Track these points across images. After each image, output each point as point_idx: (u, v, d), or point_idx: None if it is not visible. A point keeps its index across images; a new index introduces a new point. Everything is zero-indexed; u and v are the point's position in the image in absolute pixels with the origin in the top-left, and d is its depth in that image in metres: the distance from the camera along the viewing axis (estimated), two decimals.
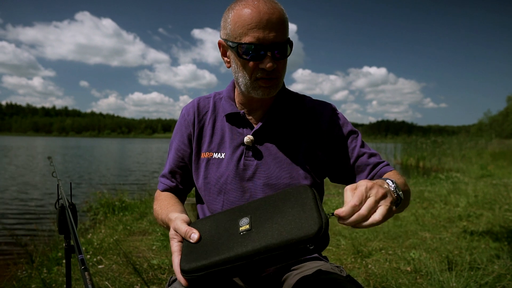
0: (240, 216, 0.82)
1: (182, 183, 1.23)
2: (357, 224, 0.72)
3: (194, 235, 0.82)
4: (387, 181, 0.84)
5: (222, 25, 1.04)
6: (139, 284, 2.80)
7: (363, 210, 0.72)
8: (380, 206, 0.73)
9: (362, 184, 0.76)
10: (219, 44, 1.08)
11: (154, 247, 3.75)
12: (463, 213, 5.20)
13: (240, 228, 0.78)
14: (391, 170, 1.11)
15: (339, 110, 1.22)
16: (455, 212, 5.34)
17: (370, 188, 0.75)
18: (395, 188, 0.83)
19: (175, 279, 1.10)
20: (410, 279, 2.83)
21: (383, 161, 1.14)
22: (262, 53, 0.97)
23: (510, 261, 3.05)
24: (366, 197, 0.74)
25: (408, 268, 3.06)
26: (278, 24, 0.96)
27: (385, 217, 0.73)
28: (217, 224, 0.84)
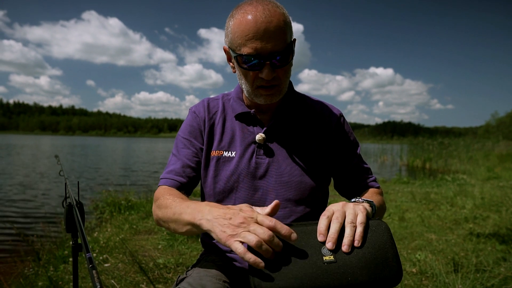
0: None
1: (192, 180, 1.16)
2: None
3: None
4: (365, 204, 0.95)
5: (225, 32, 1.05)
6: (145, 283, 2.82)
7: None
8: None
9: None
10: (225, 50, 1.09)
11: (160, 246, 3.76)
12: (470, 215, 5.17)
13: (324, 258, 0.76)
14: (376, 187, 1.21)
15: (345, 112, 1.24)
16: (461, 214, 5.31)
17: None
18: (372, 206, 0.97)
19: (183, 279, 1.10)
20: (415, 280, 2.83)
21: (372, 176, 1.23)
22: (261, 63, 0.98)
23: None
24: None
25: (414, 270, 3.05)
26: (276, 33, 0.95)
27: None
28: (293, 243, 0.79)
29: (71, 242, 1.49)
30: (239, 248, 0.71)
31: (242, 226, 0.74)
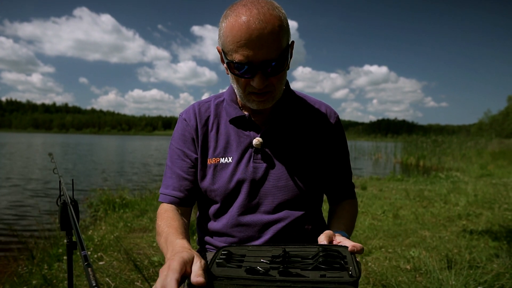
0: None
1: (191, 192, 1.14)
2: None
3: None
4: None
5: (219, 33, 0.99)
6: (139, 281, 2.81)
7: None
8: None
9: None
10: (218, 50, 1.04)
11: (154, 244, 3.76)
12: (463, 212, 5.22)
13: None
14: (351, 199, 1.25)
15: (339, 110, 1.25)
16: (454, 211, 5.35)
17: None
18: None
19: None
20: (409, 277, 2.84)
21: (352, 185, 1.27)
22: (253, 71, 0.94)
23: (509, 260, 3.07)
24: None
25: (408, 267, 3.07)
26: (269, 40, 0.89)
27: None
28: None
29: (65, 240, 1.48)
30: None
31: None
